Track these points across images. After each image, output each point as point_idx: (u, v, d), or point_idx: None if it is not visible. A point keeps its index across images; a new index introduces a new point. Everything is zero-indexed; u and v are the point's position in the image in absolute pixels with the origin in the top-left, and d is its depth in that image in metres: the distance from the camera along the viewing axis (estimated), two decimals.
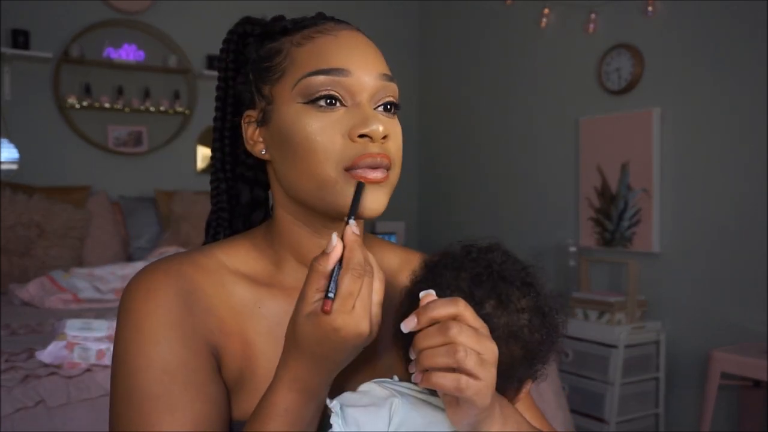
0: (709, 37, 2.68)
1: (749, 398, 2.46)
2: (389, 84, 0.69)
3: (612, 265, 3.04)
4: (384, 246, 0.83)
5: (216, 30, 4.00)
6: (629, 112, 2.96)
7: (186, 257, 0.70)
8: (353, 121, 0.65)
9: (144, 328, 0.63)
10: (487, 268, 0.65)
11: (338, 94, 0.65)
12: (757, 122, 2.52)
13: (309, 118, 0.65)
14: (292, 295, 0.70)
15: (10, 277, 2.83)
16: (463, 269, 0.65)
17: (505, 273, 0.65)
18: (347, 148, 0.64)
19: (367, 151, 0.64)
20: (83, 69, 3.45)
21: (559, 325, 0.67)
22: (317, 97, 0.65)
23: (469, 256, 0.67)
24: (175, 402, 0.61)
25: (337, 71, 0.65)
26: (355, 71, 0.66)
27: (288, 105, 0.67)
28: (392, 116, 0.69)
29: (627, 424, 2.69)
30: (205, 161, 3.82)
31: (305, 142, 0.65)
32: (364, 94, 0.66)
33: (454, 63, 4.08)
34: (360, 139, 0.64)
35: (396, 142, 0.68)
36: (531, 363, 0.65)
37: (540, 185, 3.47)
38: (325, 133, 0.65)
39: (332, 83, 0.65)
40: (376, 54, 0.70)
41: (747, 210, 2.55)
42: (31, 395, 1.51)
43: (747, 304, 2.54)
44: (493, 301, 0.63)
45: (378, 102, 0.68)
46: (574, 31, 3.26)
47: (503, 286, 0.64)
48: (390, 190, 0.68)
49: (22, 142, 3.30)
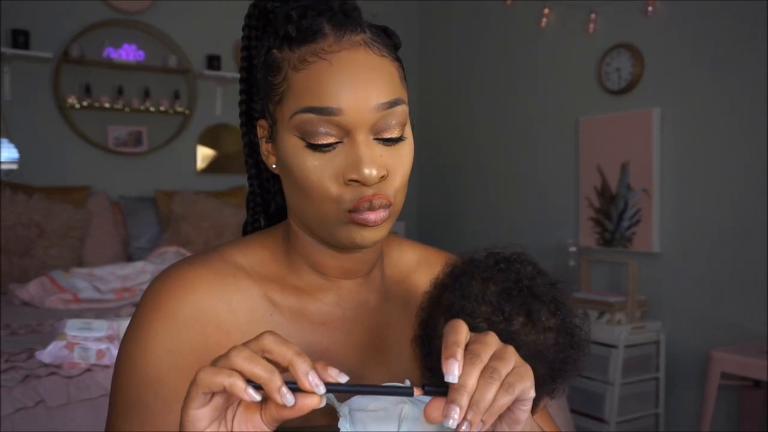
0: (709, 37, 2.68)
1: (749, 398, 2.46)
2: (390, 112, 0.64)
3: (612, 265, 3.03)
4: (402, 243, 0.82)
5: (216, 30, 4.03)
6: (629, 112, 2.96)
7: (204, 264, 0.69)
8: (346, 162, 0.63)
9: (143, 339, 0.64)
10: (517, 282, 0.62)
11: (331, 134, 0.63)
12: (757, 122, 2.52)
13: (306, 156, 0.64)
14: (302, 297, 0.70)
15: (10, 277, 2.83)
16: (491, 281, 0.63)
17: (536, 289, 0.63)
18: (343, 193, 0.63)
19: (363, 195, 0.63)
20: (83, 69, 3.45)
21: (584, 346, 0.65)
22: (313, 142, 0.63)
23: (498, 266, 0.65)
24: (148, 413, 0.62)
25: (328, 110, 0.62)
26: (348, 108, 0.62)
27: (287, 135, 0.65)
28: (396, 144, 0.65)
29: (627, 424, 2.69)
30: (205, 161, 3.82)
31: (304, 180, 0.64)
32: (359, 128, 0.63)
33: (454, 63, 4.08)
34: (353, 183, 0.63)
35: (398, 174, 0.65)
36: (553, 381, 0.64)
37: (540, 185, 3.47)
38: (321, 174, 0.63)
39: (324, 122, 0.62)
40: (374, 80, 0.64)
41: (747, 210, 2.55)
42: (31, 395, 1.51)
43: (747, 304, 2.54)
44: (522, 318, 0.61)
45: (379, 133, 0.64)
46: (574, 31, 3.26)
47: (533, 303, 0.62)
48: (391, 221, 0.67)
49: (22, 142, 3.30)
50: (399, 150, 0.66)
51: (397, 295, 0.77)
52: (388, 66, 0.66)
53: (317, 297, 0.71)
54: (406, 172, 0.66)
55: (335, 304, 0.71)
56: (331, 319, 0.71)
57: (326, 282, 0.71)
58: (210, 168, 3.82)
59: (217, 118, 3.81)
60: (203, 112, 3.76)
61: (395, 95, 0.65)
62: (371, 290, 0.74)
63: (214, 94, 3.80)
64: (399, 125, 0.65)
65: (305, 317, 0.70)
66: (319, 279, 0.71)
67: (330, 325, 0.70)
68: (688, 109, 2.77)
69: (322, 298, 0.71)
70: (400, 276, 0.79)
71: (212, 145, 3.82)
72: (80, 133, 3.45)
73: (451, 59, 4.10)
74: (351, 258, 0.70)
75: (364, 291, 0.73)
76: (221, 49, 3.76)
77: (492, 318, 0.59)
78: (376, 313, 0.73)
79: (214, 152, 3.83)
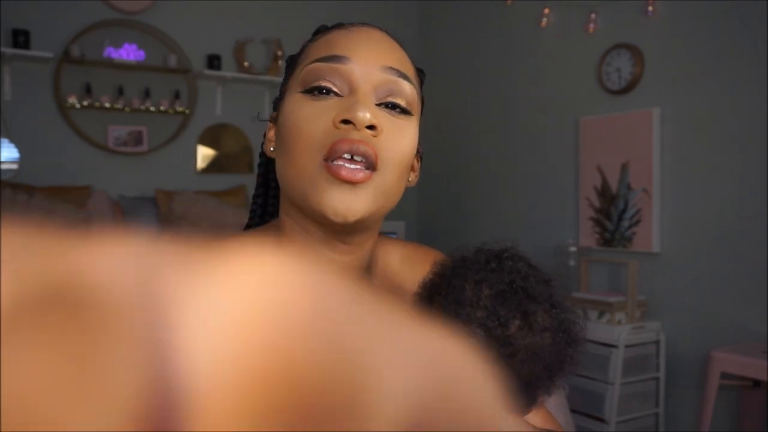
0: (709, 37, 2.68)
1: (749, 398, 2.46)
2: (398, 80, 0.63)
3: (612, 265, 3.03)
4: (387, 245, 0.80)
5: (216, 30, 4.03)
6: (629, 112, 2.96)
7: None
8: (341, 108, 0.60)
9: None
10: (511, 284, 0.61)
11: (333, 83, 0.61)
12: (757, 122, 2.51)
13: (301, 106, 0.62)
14: None
15: None
16: (484, 283, 0.61)
17: (530, 290, 0.61)
18: (328, 135, 0.59)
19: (346, 137, 0.59)
20: (83, 69, 3.45)
21: (581, 342, 0.64)
22: (313, 86, 0.61)
23: (489, 265, 0.62)
24: None
25: (336, 58, 0.61)
26: (355, 59, 0.61)
27: (291, 95, 0.64)
28: (397, 115, 0.63)
29: (627, 423, 2.69)
30: (205, 161, 3.82)
31: (293, 130, 0.61)
32: (363, 84, 0.61)
33: (454, 63, 4.08)
34: (342, 125, 0.59)
35: (394, 142, 0.62)
36: (551, 380, 0.63)
37: (540, 185, 3.47)
38: (311, 120, 0.60)
39: (330, 71, 0.61)
40: (388, 48, 0.64)
41: (747, 210, 2.55)
42: None
43: (747, 304, 2.54)
44: (518, 322, 0.59)
45: (382, 97, 0.62)
46: (574, 31, 3.26)
47: (529, 305, 0.60)
48: (374, 193, 0.61)
49: (22, 142, 3.30)
50: (400, 122, 0.63)
51: None
52: (405, 56, 0.67)
53: None
54: (403, 147, 0.63)
55: None
56: None
57: None
58: (210, 168, 3.82)
59: (217, 118, 3.81)
60: (203, 112, 3.76)
61: (407, 71, 0.64)
62: None
63: (215, 94, 3.80)
64: (405, 101, 0.63)
65: None
66: None
67: None
68: (688, 109, 2.77)
69: None
70: (388, 281, 0.77)
71: (212, 145, 3.82)
72: (80, 133, 3.45)
73: (451, 59, 4.10)
74: (340, 262, 0.67)
75: None
76: (221, 49, 3.76)
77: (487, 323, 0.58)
78: None
79: (214, 152, 3.83)
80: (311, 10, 3.79)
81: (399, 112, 0.63)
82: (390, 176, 0.62)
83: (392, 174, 0.62)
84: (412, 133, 0.65)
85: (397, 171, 0.63)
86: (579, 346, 0.63)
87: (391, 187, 0.63)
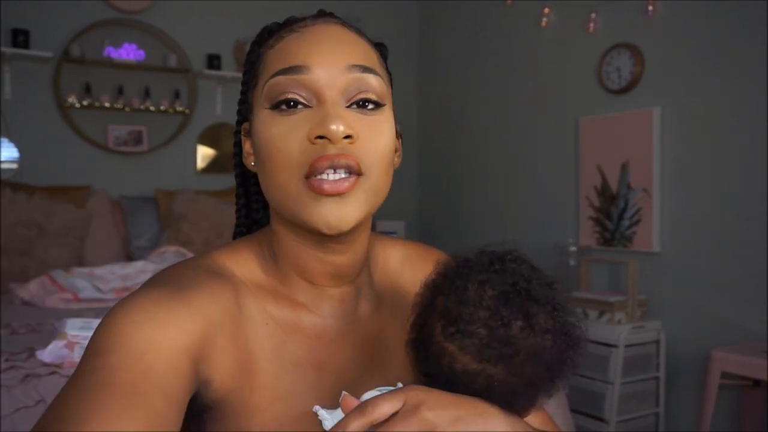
0: (709, 36, 2.68)
1: (749, 398, 2.46)
2: (363, 76, 0.61)
3: (612, 265, 3.04)
4: (385, 245, 0.80)
5: (216, 30, 4.03)
6: (629, 112, 2.96)
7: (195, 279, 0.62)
8: (313, 123, 0.59)
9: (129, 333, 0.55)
10: (514, 285, 0.61)
11: (299, 95, 0.60)
12: (757, 122, 2.52)
13: (272, 123, 0.60)
14: (297, 310, 0.67)
15: (11, 277, 2.83)
16: (487, 283, 0.61)
17: (533, 292, 0.61)
18: (305, 153, 0.58)
19: (324, 153, 0.58)
20: (83, 68, 3.45)
21: (582, 345, 0.64)
22: (279, 101, 0.60)
23: (493, 266, 0.63)
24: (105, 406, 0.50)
25: (297, 69, 0.60)
26: (315, 67, 0.60)
27: (260, 111, 0.63)
28: (370, 113, 0.62)
29: (627, 423, 2.69)
30: (205, 161, 3.82)
31: (270, 150, 0.60)
32: (328, 90, 0.60)
33: (454, 63, 4.08)
34: (318, 140, 0.58)
35: (372, 143, 0.61)
36: (551, 382, 0.63)
37: (540, 185, 3.47)
38: (285, 138, 0.59)
39: (293, 83, 0.60)
40: (347, 44, 0.62)
41: (747, 210, 2.55)
42: (32, 395, 1.51)
43: (747, 304, 2.54)
44: (521, 323, 0.60)
45: (351, 99, 0.61)
46: (574, 30, 3.26)
47: (531, 306, 0.60)
48: (363, 197, 0.61)
49: (22, 141, 3.30)
50: (374, 120, 0.62)
51: (388, 299, 0.75)
52: (365, 44, 0.65)
53: (311, 309, 0.68)
54: (382, 146, 0.62)
55: (329, 316, 0.69)
56: (326, 332, 0.68)
57: (318, 292, 0.68)
58: (210, 167, 3.82)
59: (217, 117, 3.81)
60: (203, 112, 3.76)
61: (370, 63, 0.63)
62: (363, 298, 0.72)
63: (215, 94, 3.80)
64: (375, 94, 0.62)
65: (300, 331, 0.67)
66: (310, 289, 0.68)
67: (325, 339, 0.68)
68: (688, 109, 2.77)
69: (316, 311, 0.68)
70: (388, 280, 0.77)
71: (212, 145, 3.82)
72: (80, 133, 3.45)
73: (451, 59, 4.10)
74: (334, 262, 0.67)
75: (356, 300, 0.71)
76: (221, 49, 3.77)
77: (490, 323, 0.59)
78: (369, 322, 0.72)
79: (214, 152, 3.83)
80: (311, 10, 3.76)
81: (371, 109, 0.62)
82: (375, 176, 0.62)
83: (377, 173, 0.62)
84: (389, 126, 0.64)
85: (381, 169, 0.62)
86: (579, 349, 0.64)
87: (379, 186, 0.63)
